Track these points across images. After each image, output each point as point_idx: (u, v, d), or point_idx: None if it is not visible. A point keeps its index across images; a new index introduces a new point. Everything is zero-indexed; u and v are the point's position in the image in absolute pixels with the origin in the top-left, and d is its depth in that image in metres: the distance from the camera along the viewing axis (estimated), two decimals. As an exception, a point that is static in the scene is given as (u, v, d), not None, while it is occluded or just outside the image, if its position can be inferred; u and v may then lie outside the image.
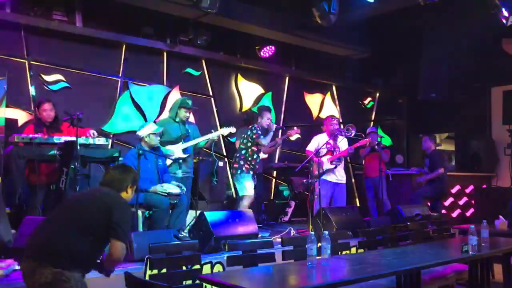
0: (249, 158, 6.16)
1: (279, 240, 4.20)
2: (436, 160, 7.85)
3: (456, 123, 10.41)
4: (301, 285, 2.81)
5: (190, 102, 6.04)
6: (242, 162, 6.12)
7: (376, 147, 7.61)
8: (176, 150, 5.84)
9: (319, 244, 3.47)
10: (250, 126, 6.27)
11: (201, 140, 6.03)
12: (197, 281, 3.40)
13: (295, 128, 6.81)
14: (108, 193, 3.14)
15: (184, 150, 5.88)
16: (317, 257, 3.32)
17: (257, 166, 6.37)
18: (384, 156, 7.72)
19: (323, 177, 6.79)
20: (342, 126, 7.78)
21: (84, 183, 5.26)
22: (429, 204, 7.74)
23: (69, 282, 2.82)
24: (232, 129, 6.20)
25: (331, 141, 6.83)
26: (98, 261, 3.20)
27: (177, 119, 5.99)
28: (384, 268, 3.35)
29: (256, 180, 6.38)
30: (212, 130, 6.20)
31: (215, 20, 7.62)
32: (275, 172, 8.98)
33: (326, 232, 3.32)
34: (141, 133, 5.39)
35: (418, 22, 8.49)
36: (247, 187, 6.08)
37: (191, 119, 6.72)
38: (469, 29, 7.88)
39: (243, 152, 6.17)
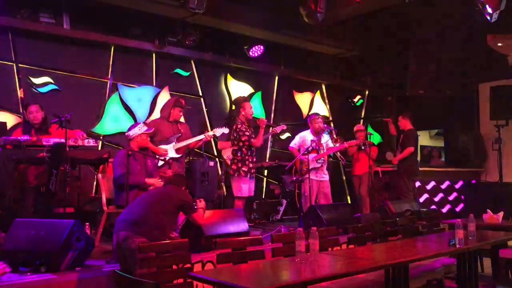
0: (246, 157, 6.17)
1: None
2: (408, 138, 7.99)
3: (445, 119, 10.52)
4: (290, 280, 2.84)
5: (183, 101, 6.09)
6: (240, 164, 6.13)
7: (362, 146, 7.66)
8: (169, 150, 5.85)
9: (309, 241, 3.50)
10: (234, 127, 6.26)
11: (194, 140, 6.04)
12: (188, 280, 3.42)
13: (280, 124, 6.81)
14: (176, 190, 4.36)
15: (177, 150, 5.89)
16: (307, 254, 3.35)
17: (254, 161, 6.33)
18: (372, 154, 7.77)
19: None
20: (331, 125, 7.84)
21: (74, 183, 5.27)
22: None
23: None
24: (225, 130, 6.21)
25: (311, 137, 6.89)
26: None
27: (171, 119, 6.00)
28: (372, 262, 3.38)
29: (254, 178, 6.36)
30: (205, 131, 6.22)
31: (203, 20, 7.64)
32: (266, 171, 9.02)
33: (314, 228, 3.34)
34: (132, 133, 5.37)
35: (405, 19, 8.56)
36: (242, 189, 6.11)
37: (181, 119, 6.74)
38: (455, 26, 7.97)
39: (238, 154, 6.18)
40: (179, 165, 6.01)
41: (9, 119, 6.37)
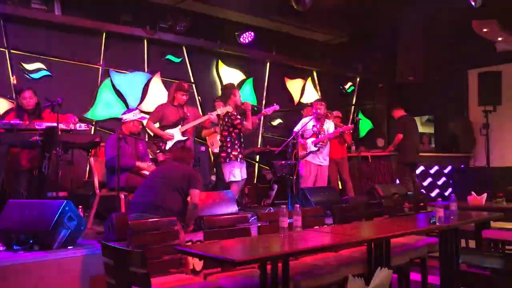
0: (235, 141, 6.22)
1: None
2: (397, 126, 8.14)
3: (435, 106, 10.64)
4: (272, 252, 2.97)
5: (186, 85, 6.15)
6: (229, 150, 6.19)
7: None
8: (175, 133, 5.92)
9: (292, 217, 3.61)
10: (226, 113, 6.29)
11: (199, 121, 6.11)
12: (176, 256, 3.52)
13: (273, 104, 6.85)
14: (183, 166, 4.49)
15: (183, 133, 5.97)
16: (290, 230, 3.47)
17: (243, 146, 6.41)
18: (347, 139, 7.83)
19: (307, 158, 6.96)
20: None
21: (67, 168, 5.35)
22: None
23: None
24: (229, 108, 6.20)
25: (313, 123, 6.99)
26: None
27: (175, 103, 6.07)
28: (353, 237, 3.50)
29: (244, 162, 6.43)
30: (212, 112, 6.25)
31: (193, 6, 7.69)
32: (257, 157, 9.13)
33: (297, 205, 3.45)
34: (126, 117, 5.44)
35: (395, 6, 8.62)
36: (235, 173, 6.19)
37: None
38: (443, 12, 8.04)
39: (228, 139, 6.22)
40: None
41: (2, 104, 6.44)
